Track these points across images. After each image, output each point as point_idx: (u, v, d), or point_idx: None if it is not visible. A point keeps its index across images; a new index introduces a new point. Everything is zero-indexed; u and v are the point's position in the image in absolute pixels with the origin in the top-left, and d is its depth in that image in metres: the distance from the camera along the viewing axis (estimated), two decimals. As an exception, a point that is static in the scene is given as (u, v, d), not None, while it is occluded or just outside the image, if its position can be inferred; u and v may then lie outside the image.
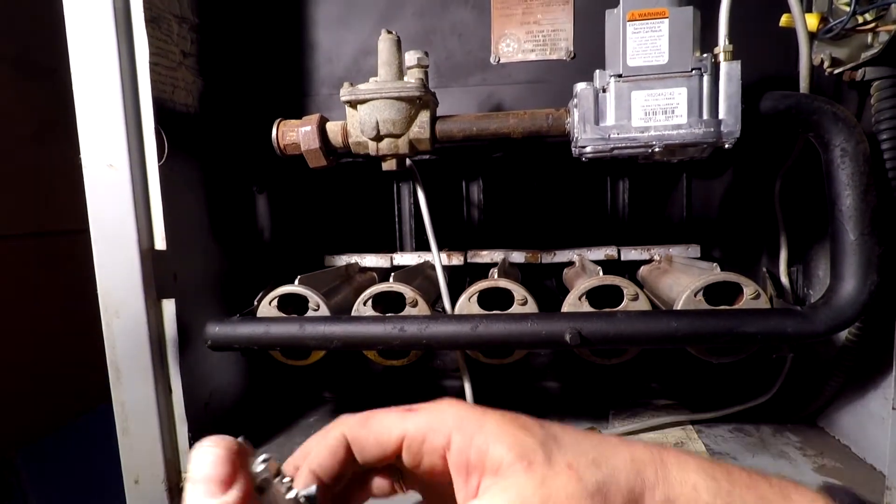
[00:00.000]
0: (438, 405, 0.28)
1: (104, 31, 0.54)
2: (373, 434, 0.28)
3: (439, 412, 0.28)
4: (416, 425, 0.27)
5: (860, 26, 0.49)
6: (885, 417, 0.55)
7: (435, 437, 0.27)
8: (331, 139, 0.61)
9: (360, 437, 0.28)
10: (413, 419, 0.28)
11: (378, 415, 0.29)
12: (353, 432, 0.28)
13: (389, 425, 0.28)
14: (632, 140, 0.51)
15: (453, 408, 0.28)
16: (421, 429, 0.27)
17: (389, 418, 0.28)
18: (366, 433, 0.28)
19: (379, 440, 0.28)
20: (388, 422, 0.28)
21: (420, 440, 0.27)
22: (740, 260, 0.75)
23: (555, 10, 0.72)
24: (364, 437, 0.28)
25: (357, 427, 0.29)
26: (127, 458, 0.59)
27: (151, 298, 0.57)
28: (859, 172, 0.49)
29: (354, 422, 0.29)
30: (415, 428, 0.27)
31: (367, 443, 0.28)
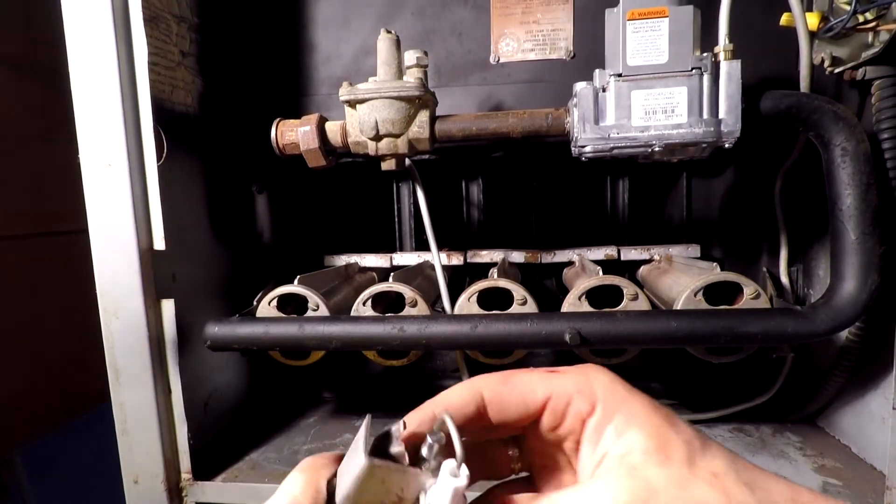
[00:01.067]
0: (585, 369, 0.27)
1: (103, 31, 0.53)
2: (517, 391, 0.27)
3: (587, 377, 0.27)
4: (562, 386, 0.26)
5: (861, 25, 0.49)
6: (885, 417, 0.55)
7: (581, 402, 0.26)
8: (330, 139, 0.61)
9: (501, 394, 0.27)
10: (560, 380, 0.27)
11: (520, 373, 0.28)
12: (494, 389, 0.27)
13: (534, 384, 0.27)
14: (632, 139, 0.51)
15: (602, 376, 0.27)
16: (568, 390, 0.26)
17: (533, 377, 0.27)
18: (508, 390, 0.27)
19: (524, 398, 0.27)
20: (532, 381, 0.27)
21: (565, 402, 0.26)
22: (740, 259, 0.75)
23: (554, 9, 0.72)
24: (506, 395, 0.27)
25: (497, 384, 0.27)
26: (126, 458, 0.59)
27: (151, 298, 0.57)
28: (860, 172, 0.49)
29: (494, 380, 0.28)
30: (561, 388, 0.26)
31: (510, 400, 0.27)
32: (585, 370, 0.27)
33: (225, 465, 0.64)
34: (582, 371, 0.27)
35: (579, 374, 0.27)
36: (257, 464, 0.64)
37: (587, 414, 0.26)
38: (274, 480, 0.60)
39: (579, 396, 0.26)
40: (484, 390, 0.27)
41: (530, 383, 0.27)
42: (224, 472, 0.63)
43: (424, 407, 0.27)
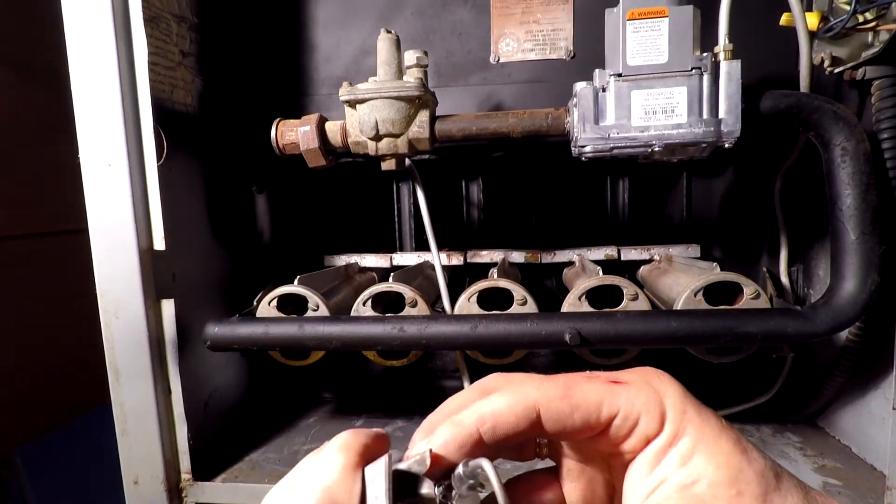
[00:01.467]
0: (651, 379, 0.24)
1: (103, 31, 0.53)
2: (580, 411, 0.24)
3: (656, 390, 0.23)
4: (631, 403, 0.23)
5: (860, 25, 0.49)
6: (886, 417, 0.55)
7: (649, 422, 0.23)
8: (330, 139, 0.61)
9: (561, 413, 0.24)
10: (627, 395, 0.23)
11: (580, 384, 0.24)
12: (553, 406, 0.24)
13: (597, 399, 0.24)
14: (632, 139, 0.51)
15: (672, 390, 0.24)
16: (636, 408, 0.23)
17: (597, 391, 0.24)
18: (569, 409, 0.24)
19: (587, 417, 0.23)
20: (593, 394, 0.24)
21: (633, 422, 0.23)
22: (740, 259, 0.75)
23: (554, 9, 0.72)
24: (567, 413, 0.23)
25: (557, 400, 0.24)
26: (126, 459, 0.59)
27: (151, 299, 0.57)
28: (860, 171, 0.49)
29: (552, 393, 0.24)
30: (629, 406, 0.23)
31: (571, 420, 0.24)
32: (652, 380, 0.24)
33: (225, 466, 0.64)
34: (649, 382, 0.24)
35: (647, 386, 0.24)
36: (257, 464, 0.64)
37: (654, 435, 0.23)
38: (274, 481, 0.60)
39: (648, 416, 0.23)
40: (541, 406, 0.24)
41: (595, 400, 0.24)
42: (224, 473, 0.63)
43: (465, 420, 0.24)
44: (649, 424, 0.23)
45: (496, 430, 0.23)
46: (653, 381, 0.24)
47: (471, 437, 0.23)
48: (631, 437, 0.23)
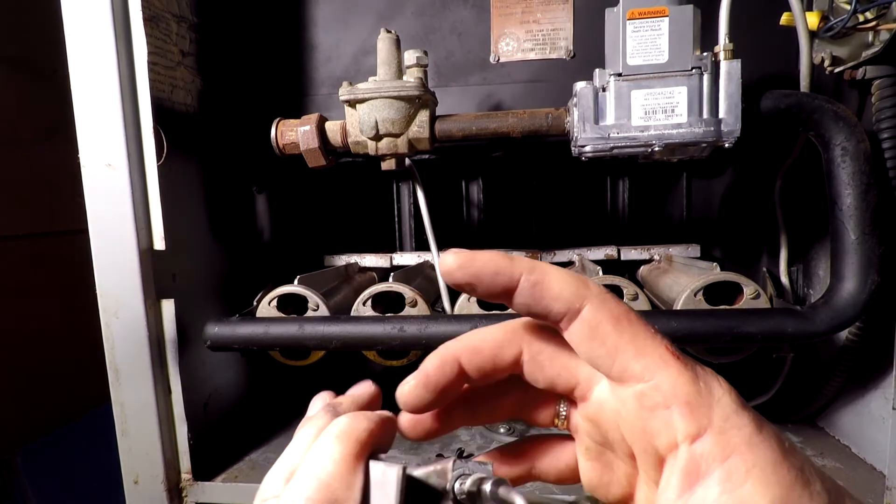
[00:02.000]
0: (711, 377, 0.21)
1: (102, 31, 0.53)
2: (617, 340, 0.21)
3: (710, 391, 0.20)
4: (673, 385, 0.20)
5: (861, 25, 0.49)
6: (885, 417, 0.55)
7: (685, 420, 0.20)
8: (330, 139, 0.61)
9: (600, 328, 0.22)
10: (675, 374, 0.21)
11: (638, 326, 0.22)
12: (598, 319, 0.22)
13: (643, 351, 0.21)
14: (632, 139, 0.51)
15: (725, 395, 0.20)
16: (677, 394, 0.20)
17: (648, 343, 0.21)
18: (610, 332, 0.22)
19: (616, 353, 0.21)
20: (643, 344, 0.21)
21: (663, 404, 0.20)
22: (740, 259, 0.75)
23: (554, 9, 0.72)
24: (603, 334, 0.22)
25: (607, 318, 0.22)
26: (126, 459, 0.59)
27: (151, 299, 0.57)
28: (860, 171, 0.49)
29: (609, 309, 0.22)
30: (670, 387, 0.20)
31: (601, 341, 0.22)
32: (709, 378, 0.21)
33: (225, 466, 0.64)
34: (705, 379, 0.21)
35: (700, 381, 0.21)
36: (257, 464, 0.64)
37: (686, 437, 0.20)
38: (274, 480, 0.60)
39: (685, 409, 0.20)
40: (589, 306, 0.22)
41: (640, 348, 0.21)
42: (224, 473, 0.63)
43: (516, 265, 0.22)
44: (683, 420, 0.20)
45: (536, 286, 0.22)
46: (712, 381, 0.21)
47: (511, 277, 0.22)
48: (653, 419, 0.20)
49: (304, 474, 0.21)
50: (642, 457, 0.22)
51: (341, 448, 0.21)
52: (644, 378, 0.21)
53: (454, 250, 0.23)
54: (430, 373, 0.25)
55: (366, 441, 0.22)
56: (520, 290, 0.22)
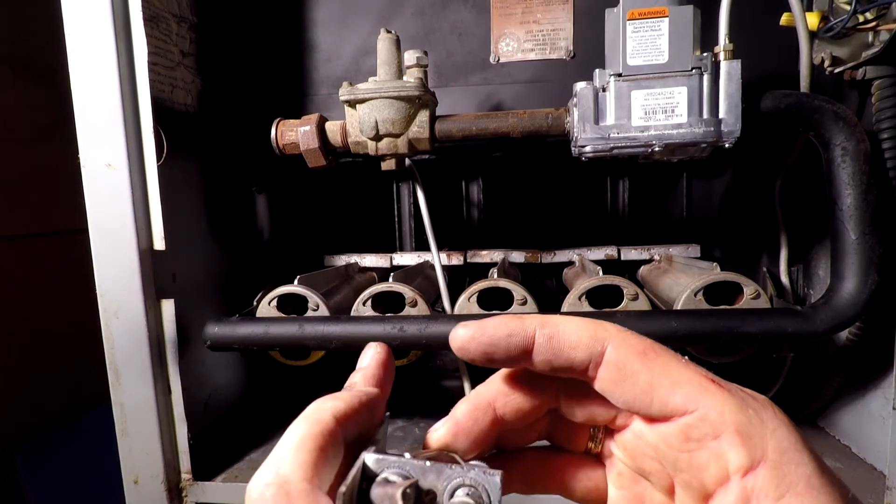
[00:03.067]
0: (763, 405, 0.20)
1: (102, 31, 0.53)
2: (650, 377, 0.20)
3: (762, 419, 0.19)
4: (720, 412, 0.19)
5: (861, 25, 0.49)
6: (886, 417, 0.55)
7: (737, 450, 0.18)
8: (330, 139, 0.61)
9: (628, 367, 0.20)
10: (720, 400, 0.19)
11: (667, 356, 0.21)
12: (623, 356, 0.21)
13: (680, 381, 0.20)
14: (632, 139, 0.51)
15: (782, 428, 0.19)
16: (725, 422, 0.19)
17: (682, 373, 0.20)
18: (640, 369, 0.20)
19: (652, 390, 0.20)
20: (679, 375, 0.20)
21: (712, 434, 0.19)
22: (740, 259, 0.75)
23: (554, 9, 0.72)
24: (633, 373, 0.20)
25: (633, 346, 0.21)
26: (126, 459, 0.59)
27: (150, 299, 0.57)
28: (860, 172, 0.49)
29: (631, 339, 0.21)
30: (717, 415, 0.19)
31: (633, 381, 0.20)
32: (759, 406, 0.19)
33: (225, 466, 0.64)
34: (754, 406, 0.19)
35: (750, 408, 0.19)
36: (257, 464, 0.64)
37: (739, 469, 0.18)
38: (274, 480, 0.60)
39: (737, 438, 0.18)
40: (611, 347, 0.21)
41: (675, 378, 0.20)
42: (224, 473, 0.62)
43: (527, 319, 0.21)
44: (734, 450, 0.18)
45: (552, 340, 0.21)
46: (763, 410, 0.19)
47: (525, 335, 0.21)
48: (701, 450, 0.19)
49: (266, 459, 0.20)
50: (686, 491, 0.21)
51: (298, 428, 0.20)
52: (688, 409, 0.20)
53: (463, 323, 0.22)
54: (461, 421, 0.23)
55: (328, 420, 0.20)
56: (537, 348, 0.21)
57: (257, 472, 0.19)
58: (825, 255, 0.64)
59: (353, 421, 0.21)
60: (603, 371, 0.21)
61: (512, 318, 0.22)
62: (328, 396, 0.21)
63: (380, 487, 0.19)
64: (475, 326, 0.22)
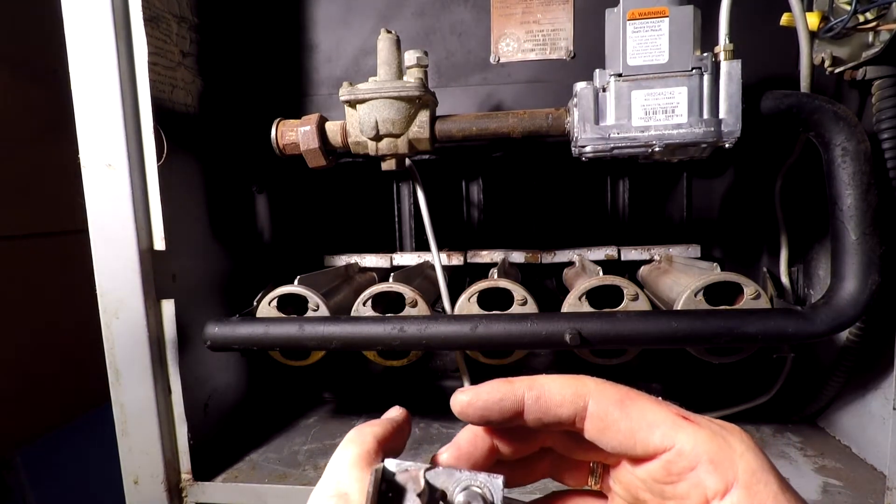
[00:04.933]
0: (731, 433, 0.22)
1: (103, 31, 0.53)
2: (630, 423, 0.22)
3: (729, 446, 0.21)
4: (692, 444, 0.21)
5: (861, 25, 0.49)
6: (886, 418, 0.55)
7: (709, 475, 0.20)
8: (330, 139, 0.61)
9: (609, 415, 0.23)
10: (690, 434, 0.21)
11: (642, 401, 0.23)
12: (604, 407, 0.23)
13: (656, 423, 0.22)
14: (632, 139, 0.51)
15: (750, 454, 0.21)
16: (697, 452, 0.21)
17: (658, 415, 0.22)
18: (621, 416, 0.22)
19: (634, 434, 0.22)
20: (654, 417, 0.22)
21: (689, 466, 0.21)
22: (740, 260, 0.75)
23: (554, 9, 0.72)
24: (616, 420, 0.22)
25: (611, 403, 0.23)
26: (126, 459, 0.59)
27: (151, 299, 0.57)
28: (860, 172, 0.49)
29: (609, 395, 0.23)
30: (689, 447, 0.21)
31: (617, 428, 0.22)
32: (727, 434, 0.21)
33: (225, 466, 0.64)
34: (723, 435, 0.21)
35: (719, 437, 0.21)
36: (257, 464, 0.64)
37: (715, 494, 0.20)
38: (274, 481, 0.60)
39: (710, 467, 0.20)
40: (592, 401, 0.23)
41: (651, 420, 0.22)
42: (224, 473, 0.63)
43: (516, 381, 0.24)
44: (709, 478, 0.20)
45: (539, 401, 0.23)
46: (731, 437, 0.21)
47: (515, 398, 0.23)
48: (682, 482, 0.21)
49: (324, 476, 0.24)
50: None
51: (348, 450, 0.24)
52: (665, 447, 0.22)
53: (461, 389, 0.25)
54: (463, 447, 0.26)
55: (371, 442, 0.25)
56: (527, 409, 0.24)
57: (318, 487, 0.23)
58: (825, 255, 0.64)
59: (388, 442, 0.26)
60: (588, 423, 0.23)
61: (503, 383, 0.24)
62: (367, 423, 0.26)
63: (403, 474, 0.22)
64: (472, 392, 0.24)
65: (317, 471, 0.62)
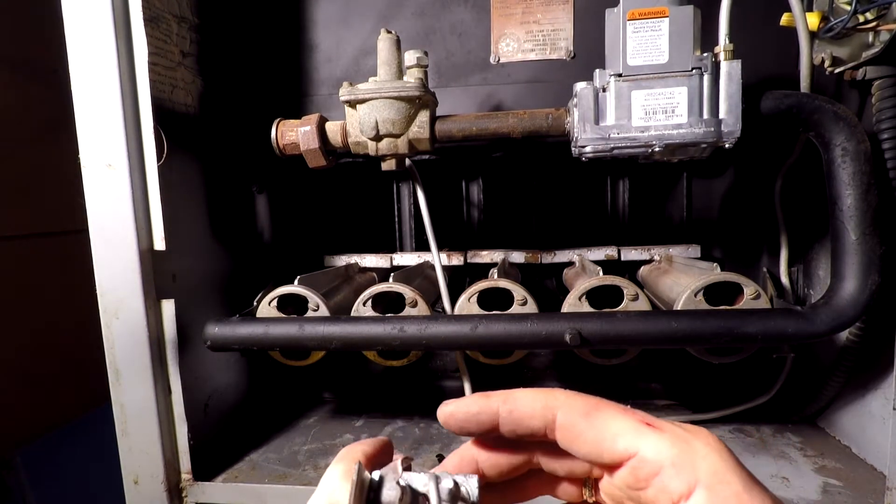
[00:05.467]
0: (690, 436, 0.22)
1: (103, 31, 0.53)
2: (595, 432, 0.23)
3: (691, 450, 0.22)
4: (655, 449, 0.22)
5: (861, 25, 0.49)
6: (886, 418, 0.55)
7: (672, 478, 0.21)
8: (330, 139, 0.61)
9: (576, 425, 0.24)
10: (653, 441, 0.22)
11: (608, 410, 0.24)
12: (571, 417, 0.24)
13: (617, 430, 0.23)
14: (632, 140, 0.51)
15: (712, 455, 0.21)
16: (660, 457, 0.22)
17: (622, 423, 0.23)
18: (587, 426, 0.23)
19: (600, 443, 0.23)
20: (616, 424, 0.23)
21: (651, 470, 0.22)
22: (740, 260, 0.75)
23: (554, 9, 0.72)
24: (582, 430, 0.24)
25: (577, 414, 0.24)
26: (126, 459, 0.59)
27: (151, 299, 0.57)
28: (860, 172, 0.49)
29: (576, 405, 0.24)
30: (652, 452, 0.22)
31: (584, 437, 0.24)
32: (691, 437, 0.22)
33: (225, 466, 0.64)
34: (685, 438, 0.22)
35: (681, 441, 0.22)
36: (257, 464, 0.64)
37: (679, 497, 0.21)
38: (274, 481, 0.60)
39: (672, 471, 0.21)
40: (560, 412, 0.24)
41: (614, 430, 0.23)
42: (224, 473, 0.63)
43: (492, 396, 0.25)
44: (672, 481, 0.21)
45: (512, 413, 0.25)
46: (691, 437, 0.22)
47: (491, 411, 0.25)
48: (650, 487, 0.22)
49: (317, 489, 0.25)
50: None
51: (339, 466, 0.26)
52: (630, 454, 0.23)
53: (447, 401, 0.27)
54: (451, 470, 0.27)
55: (360, 457, 0.26)
56: (502, 421, 0.25)
57: (312, 499, 0.25)
58: (825, 255, 0.64)
59: (376, 457, 0.27)
60: (558, 434, 0.24)
61: (479, 397, 0.26)
62: (356, 443, 0.28)
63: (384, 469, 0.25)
64: (453, 405, 0.26)
65: (317, 471, 0.62)
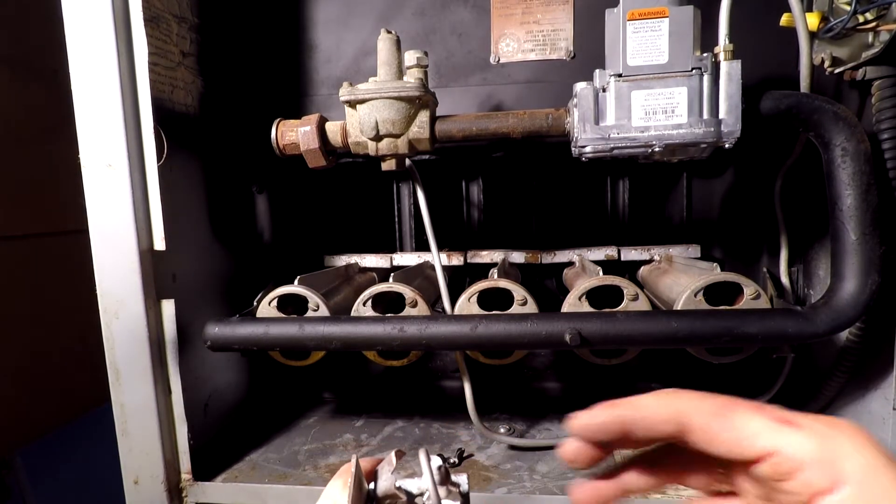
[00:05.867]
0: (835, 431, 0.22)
1: (103, 31, 0.53)
2: (733, 432, 0.23)
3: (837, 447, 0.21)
4: (796, 447, 0.22)
5: (861, 25, 0.49)
6: (886, 418, 0.55)
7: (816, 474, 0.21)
8: (330, 139, 0.61)
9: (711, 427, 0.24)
10: (794, 439, 0.22)
11: (741, 409, 0.24)
12: (704, 419, 0.24)
13: (758, 430, 0.23)
14: (632, 140, 0.51)
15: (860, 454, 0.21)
16: (801, 455, 0.22)
17: (758, 423, 0.23)
18: (722, 427, 0.23)
19: (740, 442, 0.23)
20: (756, 425, 0.23)
21: (795, 468, 0.22)
22: (740, 260, 0.75)
23: (554, 9, 0.72)
24: (718, 431, 0.23)
25: (710, 415, 0.24)
26: (126, 459, 0.59)
27: (151, 299, 0.57)
28: (860, 172, 0.49)
29: (708, 407, 0.24)
30: (793, 450, 0.22)
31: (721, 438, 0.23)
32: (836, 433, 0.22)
33: (225, 466, 0.64)
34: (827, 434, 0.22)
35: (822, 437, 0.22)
36: (257, 464, 0.64)
37: (821, 491, 0.21)
38: (274, 481, 0.60)
39: (816, 468, 0.21)
40: (693, 416, 0.24)
41: (753, 428, 0.23)
42: (224, 473, 0.63)
43: (619, 404, 0.25)
44: (816, 476, 0.21)
45: (637, 423, 0.25)
46: (836, 433, 0.22)
47: (619, 418, 0.25)
48: (793, 480, 0.22)
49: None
50: None
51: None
52: (769, 452, 0.23)
53: (578, 413, 0.27)
54: None
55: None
56: (635, 428, 0.25)
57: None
58: (825, 255, 0.64)
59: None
60: (693, 437, 0.24)
61: (609, 406, 0.26)
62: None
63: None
64: (587, 416, 0.26)
65: (317, 471, 0.62)
